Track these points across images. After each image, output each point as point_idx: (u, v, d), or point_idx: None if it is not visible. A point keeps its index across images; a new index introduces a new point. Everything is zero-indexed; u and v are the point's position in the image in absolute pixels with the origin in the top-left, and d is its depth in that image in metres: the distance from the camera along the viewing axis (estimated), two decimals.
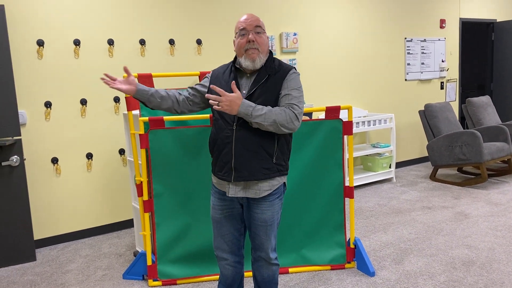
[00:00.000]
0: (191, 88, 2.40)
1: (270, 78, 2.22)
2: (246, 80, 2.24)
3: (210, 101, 2.06)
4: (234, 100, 2.05)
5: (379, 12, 6.06)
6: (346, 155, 4.62)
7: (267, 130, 2.12)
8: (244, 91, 2.22)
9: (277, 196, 2.30)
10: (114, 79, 2.22)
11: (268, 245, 2.33)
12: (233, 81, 2.09)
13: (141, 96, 2.27)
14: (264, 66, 2.24)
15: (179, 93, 2.38)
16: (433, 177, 5.77)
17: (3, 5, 3.43)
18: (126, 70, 2.22)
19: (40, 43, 3.85)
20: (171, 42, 4.48)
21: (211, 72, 2.40)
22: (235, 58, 2.30)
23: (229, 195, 2.25)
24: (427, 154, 6.81)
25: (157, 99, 2.29)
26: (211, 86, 2.10)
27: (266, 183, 2.24)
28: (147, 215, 3.07)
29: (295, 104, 2.16)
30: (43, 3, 3.85)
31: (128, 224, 4.43)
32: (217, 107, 2.05)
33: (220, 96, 2.06)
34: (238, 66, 2.26)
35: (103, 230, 4.31)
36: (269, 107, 2.12)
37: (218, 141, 2.23)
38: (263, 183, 2.23)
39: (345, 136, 3.20)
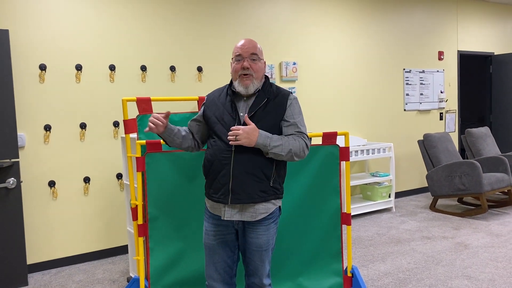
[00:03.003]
0: (195, 120, 2.37)
1: (270, 102, 2.24)
2: (243, 103, 2.25)
3: (229, 137, 2.08)
4: (251, 132, 2.08)
5: (378, 43, 6.16)
6: (343, 181, 4.59)
7: (279, 159, 2.16)
8: (241, 114, 2.22)
9: (273, 220, 2.28)
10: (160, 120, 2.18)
11: (263, 271, 2.29)
12: (246, 115, 2.12)
13: (168, 135, 2.24)
14: (262, 90, 2.26)
15: (190, 131, 2.37)
16: (433, 207, 5.72)
17: (7, 30, 3.51)
18: (168, 114, 2.19)
19: (43, 67, 3.91)
20: (172, 68, 4.55)
21: (206, 97, 2.39)
22: (232, 81, 2.32)
23: (225, 218, 2.21)
24: (426, 185, 6.78)
25: (179, 139, 2.29)
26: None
27: (262, 205, 2.22)
28: (141, 239, 3.03)
29: (304, 133, 2.24)
30: (46, 28, 3.94)
31: (123, 250, 4.38)
32: (235, 142, 2.07)
33: (230, 131, 2.10)
34: (234, 90, 2.27)
35: (97, 256, 4.25)
36: (283, 136, 2.17)
37: (216, 162, 2.20)
38: (259, 205, 2.21)
39: (342, 162, 3.19)
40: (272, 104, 2.23)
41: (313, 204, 3.13)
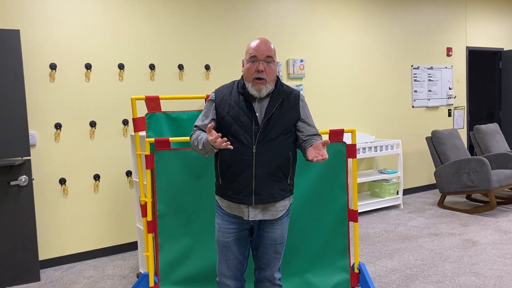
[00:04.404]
0: (213, 121, 2.26)
1: (284, 102, 2.25)
2: (258, 104, 2.23)
3: (316, 157, 1.98)
4: None
5: (386, 40, 6.14)
6: (350, 179, 4.60)
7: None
8: (257, 113, 2.21)
9: (286, 214, 2.34)
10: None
11: (276, 263, 2.35)
12: (327, 140, 2.05)
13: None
14: (276, 89, 2.26)
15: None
16: (441, 204, 5.71)
17: (18, 30, 3.57)
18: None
19: (53, 66, 3.97)
20: (180, 67, 4.59)
21: (214, 94, 2.32)
22: (243, 80, 2.26)
23: (249, 219, 2.23)
24: (435, 182, 6.76)
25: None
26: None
27: (281, 203, 2.27)
28: (150, 235, 3.07)
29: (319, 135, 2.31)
30: (56, 28, 3.99)
31: (133, 246, 4.43)
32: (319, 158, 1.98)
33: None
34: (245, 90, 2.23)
35: (108, 252, 4.31)
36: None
37: (235, 164, 2.19)
38: (279, 204, 2.26)
39: (349, 159, 3.20)
40: (286, 105, 2.25)
41: (320, 201, 3.15)
